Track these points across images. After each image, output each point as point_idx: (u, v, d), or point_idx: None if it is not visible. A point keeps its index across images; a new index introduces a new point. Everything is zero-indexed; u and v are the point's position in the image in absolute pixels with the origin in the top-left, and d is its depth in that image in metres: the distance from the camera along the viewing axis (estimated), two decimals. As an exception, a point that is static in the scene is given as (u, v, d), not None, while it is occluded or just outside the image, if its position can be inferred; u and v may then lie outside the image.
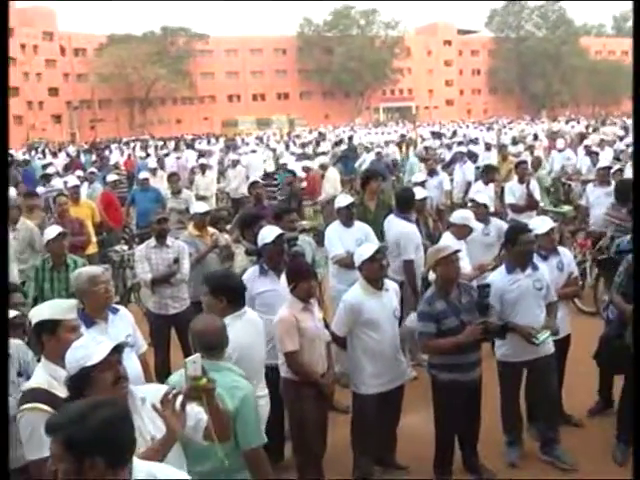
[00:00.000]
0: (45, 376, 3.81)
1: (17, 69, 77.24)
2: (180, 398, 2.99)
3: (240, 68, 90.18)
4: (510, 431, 6.08)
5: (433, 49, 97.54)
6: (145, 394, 3.26)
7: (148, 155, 26.05)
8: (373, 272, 5.68)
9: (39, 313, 4.04)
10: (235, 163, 17.45)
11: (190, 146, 32.72)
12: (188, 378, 3.11)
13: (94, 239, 10.85)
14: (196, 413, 3.16)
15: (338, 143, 28.15)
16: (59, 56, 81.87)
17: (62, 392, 3.65)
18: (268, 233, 6.24)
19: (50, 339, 3.92)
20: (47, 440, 3.55)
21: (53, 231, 7.29)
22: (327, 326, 6.04)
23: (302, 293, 5.36)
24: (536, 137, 27.04)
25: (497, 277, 5.96)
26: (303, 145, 30.24)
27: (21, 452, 4.13)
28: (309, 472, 5.46)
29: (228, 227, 10.12)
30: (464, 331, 5.37)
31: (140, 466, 2.65)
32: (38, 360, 4.16)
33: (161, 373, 6.85)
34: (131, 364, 4.16)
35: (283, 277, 5.75)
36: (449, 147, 23.74)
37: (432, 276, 5.78)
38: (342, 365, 6.56)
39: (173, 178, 11.94)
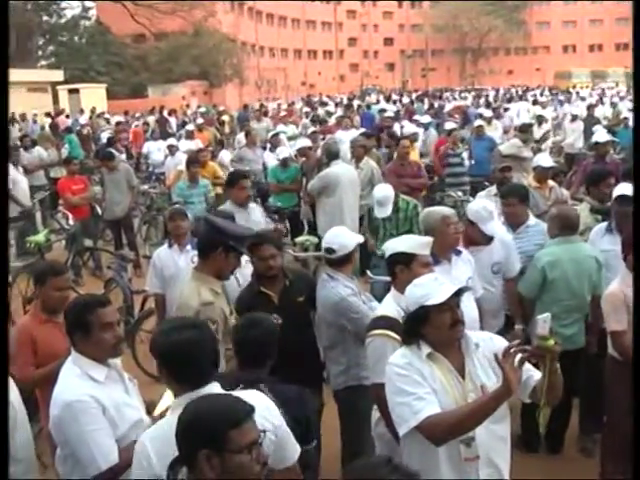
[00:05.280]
0: (394, 305, 3.88)
1: (356, 21, 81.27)
2: (519, 355, 2.88)
3: (578, 16, 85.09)
4: None
5: None
6: (479, 341, 3.21)
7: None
8: None
9: (395, 246, 4.11)
10: (574, 117, 16.71)
11: (522, 98, 31.85)
12: (536, 336, 2.99)
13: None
14: (526, 370, 3.02)
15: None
16: (396, 8, 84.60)
17: None
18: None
19: (403, 271, 3.97)
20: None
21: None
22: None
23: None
24: None
25: None
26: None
27: None
28: (615, 460, 5.04)
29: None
30: None
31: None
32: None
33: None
34: (468, 308, 4.11)
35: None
36: None
37: None
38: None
39: (529, 129, 11.81)
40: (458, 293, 3.12)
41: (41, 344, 4.35)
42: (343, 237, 4.74)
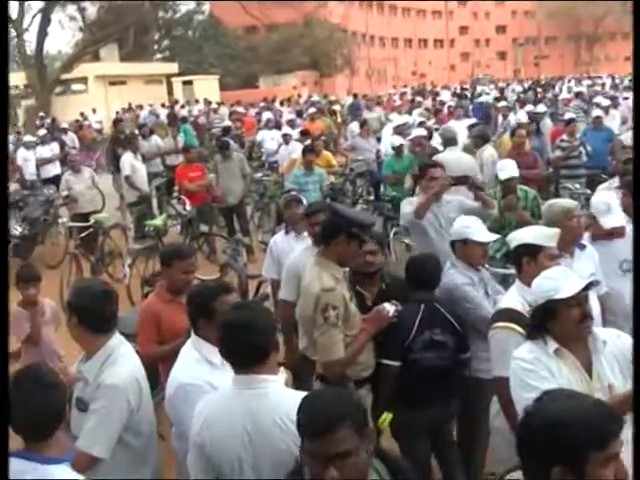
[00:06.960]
0: (518, 298, 3.83)
1: (467, 9, 79.84)
2: None
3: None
4: None
5: None
6: (606, 338, 3.12)
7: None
8: None
9: (520, 237, 4.06)
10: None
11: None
12: None
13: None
14: None
15: None
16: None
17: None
18: None
19: (529, 263, 3.92)
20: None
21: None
22: None
23: None
24: None
25: None
26: None
27: None
28: None
29: None
30: None
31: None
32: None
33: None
34: (592, 304, 4.00)
35: None
36: None
37: None
38: None
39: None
40: (587, 287, 3.06)
41: (165, 322, 4.51)
42: (455, 224, 4.78)
